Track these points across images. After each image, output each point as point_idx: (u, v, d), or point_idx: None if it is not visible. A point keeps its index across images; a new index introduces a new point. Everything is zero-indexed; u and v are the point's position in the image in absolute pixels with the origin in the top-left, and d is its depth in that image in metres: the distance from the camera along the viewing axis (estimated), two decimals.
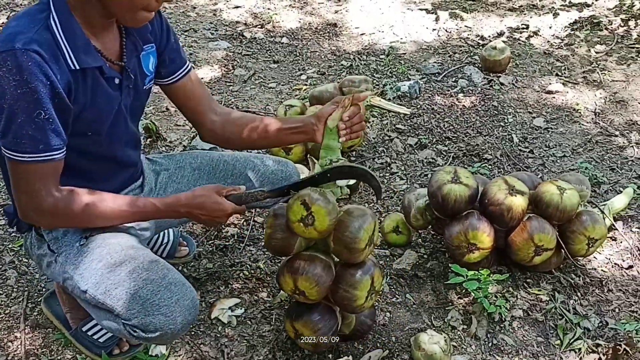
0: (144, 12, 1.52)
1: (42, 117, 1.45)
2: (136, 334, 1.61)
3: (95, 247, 1.68)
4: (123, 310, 1.60)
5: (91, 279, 1.64)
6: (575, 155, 3.05)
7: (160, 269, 1.64)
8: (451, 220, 2.22)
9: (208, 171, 2.03)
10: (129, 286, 1.60)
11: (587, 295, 2.25)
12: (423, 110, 3.35)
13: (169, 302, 1.59)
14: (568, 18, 4.33)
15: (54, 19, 1.48)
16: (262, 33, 4.20)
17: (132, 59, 1.68)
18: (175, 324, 1.60)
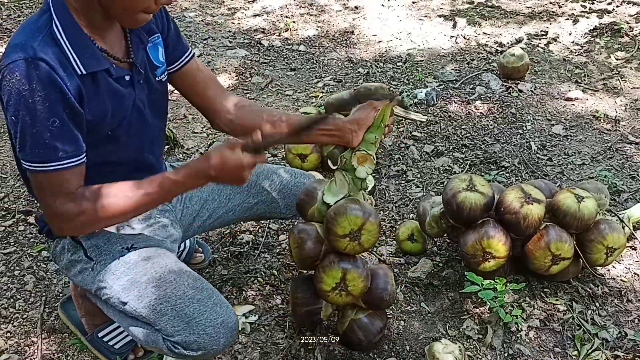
0: (143, 14, 1.53)
1: (56, 124, 1.45)
2: (177, 350, 1.63)
3: (139, 260, 1.69)
4: (166, 326, 1.62)
5: (135, 291, 1.65)
6: (594, 163, 3.01)
7: (205, 288, 1.67)
8: (466, 228, 2.20)
9: None
10: (175, 303, 1.62)
11: (605, 306, 2.21)
12: (440, 117, 3.34)
13: (215, 323, 1.62)
14: (588, 24, 4.28)
15: (56, 25, 1.48)
16: (280, 41, 4.22)
17: (140, 53, 1.67)
18: (218, 345, 1.62)
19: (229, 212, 2.06)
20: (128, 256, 1.70)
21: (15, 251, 2.38)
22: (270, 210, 2.11)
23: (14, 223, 2.50)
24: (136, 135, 1.71)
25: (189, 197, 2.01)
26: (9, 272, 2.28)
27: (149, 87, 1.72)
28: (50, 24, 1.48)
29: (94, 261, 1.72)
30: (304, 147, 2.83)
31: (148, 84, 1.71)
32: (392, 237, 2.54)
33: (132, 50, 1.65)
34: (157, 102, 1.77)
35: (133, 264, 1.69)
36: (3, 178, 2.78)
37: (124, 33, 1.65)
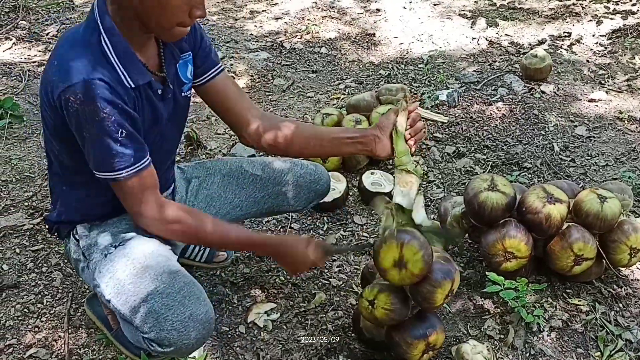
0: (179, 27, 1.57)
1: (123, 135, 1.55)
2: (153, 348, 1.65)
3: (121, 256, 1.72)
4: (140, 323, 1.64)
5: (114, 288, 1.68)
6: (618, 164, 2.99)
7: (177, 281, 1.66)
8: (488, 228, 2.20)
9: (237, 176, 2.07)
10: (146, 299, 1.63)
11: (629, 307, 2.19)
12: (461, 118, 3.34)
13: (182, 317, 1.61)
14: (612, 25, 4.25)
15: (105, 42, 1.54)
16: (302, 43, 4.25)
17: (171, 69, 1.73)
18: (189, 339, 1.62)
19: (237, 208, 2.08)
20: (113, 253, 1.73)
21: (43, 248, 2.43)
22: (279, 204, 2.12)
23: (42, 221, 2.56)
24: (156, 145, 1.76)
25: (195, 195, 2.05)
26: (37, 269, 2.33)
27: (174, 102, 1.78)
28: (99, 42, 1.54)
29: (88, 260, 1.78)
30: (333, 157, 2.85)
31: (175, 99, 1.77)
32: None
33: (165, 65, 1.71)
34: (178, 116, 1.84)
35: (115, 261, 1.72)
36: (31, 177, 2.84)
37: (158, 48, 1.71)
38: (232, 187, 2.06)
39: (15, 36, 4.11)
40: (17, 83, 3.60)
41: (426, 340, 1.83)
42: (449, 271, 1.77)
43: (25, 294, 2.22)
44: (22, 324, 2.10)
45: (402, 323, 1.85)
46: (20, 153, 3.01)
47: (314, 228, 2.60)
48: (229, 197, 2.06)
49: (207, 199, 2.04)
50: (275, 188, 2.08)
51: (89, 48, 1.53)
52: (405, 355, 1.86)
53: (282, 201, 2.11)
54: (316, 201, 2.19)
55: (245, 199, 2.08)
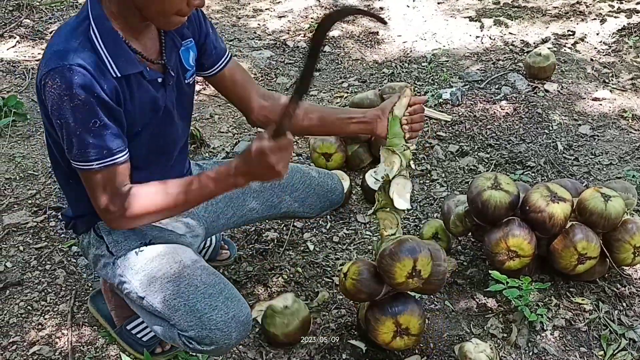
0: (176, 16, 1.57)
1: (97, 125, 1.52)
2: (191, 345, 1.66)
3: (155, 255, 1.73)
4: (180, 321, 1.65)
5: (150, 286, 1.69)
6: (622, 163, 2.98)
7: (218, 283, 1.69)
8: (491, 227, 2.20)
9: None
10: (188, 299, 1.64)
11: (633, 306, 2.19)
12: (465, 117, 3.33)
13: (226, 318, 1.64)
14: (616, 24, 4.23)
15: (93, 30, 1.54)
16: (305, 42, 4.25)
17: (173, 56, 1.72)
18: (230, 339, 1.64)
19: (253, 211, 2.09)
20: (146, 251, 1.74)
21: (47, 246, 2.43)
22: (294, 210, 2.13)
23: (45, 219, 2.56)
24: (162, 135, 1.77)
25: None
26: (41, 267, 2.34)
27: (178, 90, 1.77)
28: (88, 30, 1.54)
29: (114, 256, 1.77)
30: (329, 146, 2.85)
31: (178, 87, 1.77)
32: (417, 235, 2.54)
33: (165, 53, 1.70)
34: (184, 104, 1.83)
35: (150, 259, 1.72)
36: (34, 175, 2.85)
37: (159, 35, 1.70)
38: (251, 191, 2.07)
39: (19, 34, 4.11)
40: (21, 81, 3.61)
41: (395, 319, 1.83)
42: (413, 249, 1.78)
43: (28, 292, 2.23)
44: (25, 322, 2.11)
45: (377, 302, 1.88)
46: (23, 151, 3.02)
47: (317, 226, 2.60)
48: (248, 200, 2.07)
49: (226, 200, 2.04)
50: (293, 195, 2.10)
51: (75, 35, 1.53)
52: (375, 334, 1.86)
53: (297, 208, 2.13)
54: (329, 210, 2.23)
55: (263, 202, 2.09)
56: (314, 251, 2.46)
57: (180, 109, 1.80)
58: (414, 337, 1.89)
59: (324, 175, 2.16)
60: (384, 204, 1.87)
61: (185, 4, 1.54)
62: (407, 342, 1.89)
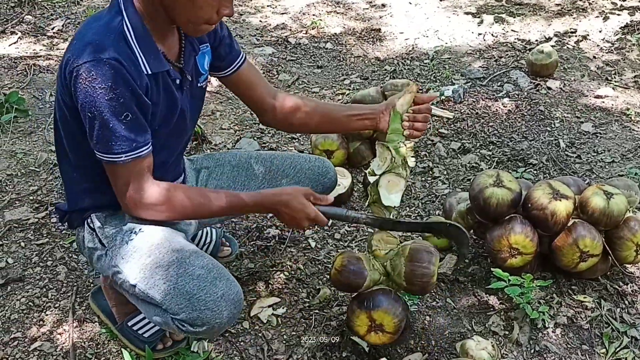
0: (205, 24, 1.61)
1: (129, 118, 1.56)
2: (184, 328, 1.67)
3: (144, 242, 1.74)
4: (171, 305, 1.66)
5: (140, 273, 1.70)
6: (624, 160, 2.97)
7: (206, 264, 1.69)
8: (493, 224, 2.19)
9: (246, 168, 2.09)
10: (176, 281, 1.65)
11: (635, 304, 2.18)
12: (467, 114, 3.32)
13: (215, 297, 1.64)
14: (619, 22, 4.22)
15: (127, 26, 1.57)
16: (307, 39, 4.24)
17: (190, 60, 1.76)
18: (221, 318, 1.65)
19: None
20: (135, 239, 1.75)
21: (48, 242, 2.43)
22: None
23: (47, 215, 2.56)
24: (174, 135, 1.80)
25: (205, 185, 2.07)
26: (42, 263, 2.33)
27: (192, 93, 1.81)
28: (121, 25, 1.57)
29: (106, 247, 1.78)
30: (330, 143, 2.85)
31: (192, 90, 1.80)
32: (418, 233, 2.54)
33: (184, 57, 1.74)
34: (195, 107, 1.87)
35: (139, 247, 1.73)
36: (36, 172, 2.84)
37: (179, 39, 1.73)
38: (242, 179, 2.09)
39: (21, 31, 4.11)
40: (23, 77, 3.60)
41: (369, 314, 1.84)
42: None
43: (30, 288, 2.22)
44: (27, 318, 2.11)
45: (359, 294, 1.90)
46: (25, 147, 3.01)
47: None
48: (239, 188, 2.08)
49: (217, 189, 2.05)
50: (284, 181, 2.10)
51: (109, 30, 1.56)
52: (351, 325, 1.89)
53: None
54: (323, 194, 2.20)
55: (254, 190, 2.08)
56: (316, 248, 2.46)
57: (192, 112, 1.84)
58: (389, 334, 1.86)
59: (315, 160, 2.17)
60: (375, 198, 1.88)
61: (215, 14, 1.58)
62: (381, 339, 1.87)
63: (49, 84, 3.52)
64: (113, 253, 1.77)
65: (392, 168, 1.85)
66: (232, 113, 3.39)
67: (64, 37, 4.06)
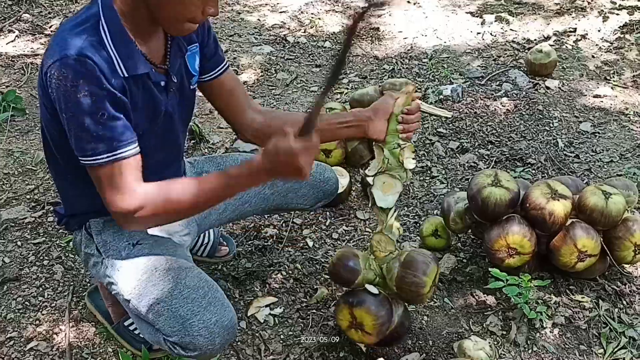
0: (189, 23, 1.54)
1: (105, 117, 1.47)
2: (176, 351, 1.64)
3: (141, 257, 1.70)
4: (164, 326, 1.62)
5: (135, 290, 1.67)
6: (623, 160, 2.97)
7: (201, 287, 1.65)
8: (491, 224, 2.19)
9: None
10: (171, 304, 1.62)
11: (633, 304, 2.18)
12: (465, 114, 3.32)
13: (208, 324, 1.60)
14: (618, 21, 4.21)
15: (103, 27, 1.51)
16: (305, 37, 4.23)
17: (177, 62, 1.70)
18: (213, 345, 1.61)
19: (245, 204, 2.07)
20: (132, 253, 1.71)
21: (45, 241, 2.43)
22: (287, 202, 2.11)
23: (44, 214, 2.55)
24: (162, 138, 1.75)
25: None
26: (38, 262, 2.33)
27: (181, 95, 1.75)
28: (97, 26, 1.50)
29: (102, 256, 1.75)
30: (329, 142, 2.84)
31: (181, 92, 1.74)
32: (416, 232, 2.54)
33: (169, 58, 1.67)
34: (186, 109, 1.81)
35: (136, 262, 1.69)
36: (33, 170, 2.84)
37: (165, 40, 1.67)
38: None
39: (18, 29, 4.10)
40: (20, 76, 3.59)
41: (350, 310, 1.85)
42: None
43: (26, 287, 2.22)
44: (23, 317, 2.10)
45: (349, 290, 1.92)
46: (22, 146, 3.00)
47: (316, 223, 2.60)
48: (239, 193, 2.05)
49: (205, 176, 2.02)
50: (285, 186, 2.07)
51: (84, 30, 1.49)
52: (336, 317, 1.91)
53: (290, 199, 2.10)
54: (324, 201, 2.18)
55: (255, 195, 2.07)
56: (313, 248, 2.45)
57: (181, 114, 1.79)
58: (369, 335, 1.85)
59: (317, 166, 2.12)
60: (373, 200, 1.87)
61: (200, 12, 1.52)
62: (361, 337, 1.87)
63: None
64: (109, 263, 1.74)
65: (388, 169, 1.83)
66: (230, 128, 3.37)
67: None
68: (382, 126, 1.82)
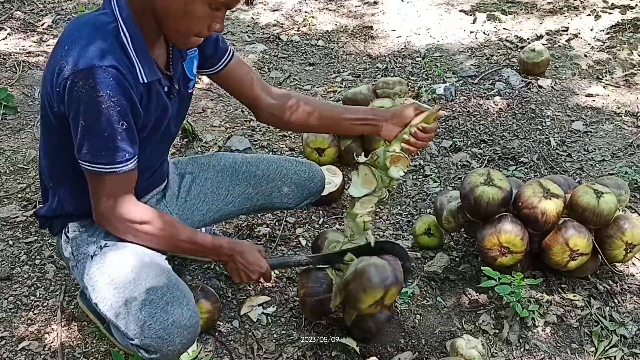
0: (195, 37, 1.57)
1: (124, 127, 1.52)
2: (140, 353, 1.64)
3: (107, 260, 1.69)
4: (126, 330, 1.62)
5: (100, 293, 1.66)
6: (615, 159, 2.98)
7: (161, 287, 1.63)
8: (483, 223, 2.19)
9: (231, 173, 2.07)
10: (130, 307, 1.61)
11: (624, 302, 2.19)
12: (458, 112, 3.32)
13: (165, 325, 1.58)
14: (610, 20, 4.23)
15: (123, 32, 1.52)
16: (298, 36, 4.23)
17: (178, 68, 1.73)
18: (174, 345, 1.60)
19: (229, 204, 2.08)
20: (99, 256, 1.71)
21: (36, 240, 2.41)
22: (272, 201, 2.12)
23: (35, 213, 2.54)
24: (161, 142, 1.78)
25: (187, 191, 2.04)
26: (30, 261, 2.32)
27: (180, 99, 1.77)
28: (117, 31, 1.51)
29: (76, 260, 1.76)
30: (322, 140, 2.84)
31: (180, 97, 1.77)
32: (409, 231, 2.54)
33: (172, 64, 1.70)
34: (181, 113, 1.84)
35: (100, 265, 1.69)
36: (25, 169, 2.82)
37: (167, 46, 1.69)
38: (226, 184, 2.06)
39: (10, 27, 4.07)
40: (12, 74, 3.57)
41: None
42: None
43: (18, 287, 2.21)
44: (14, 317, 2.09)
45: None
46: (14, 144, 2.99)
47: (309, 222, 2.59)
48: (222, 193, 2.06)
49: (200, 195, 2.04)
50: (269, 185, 2.08)
51: (105, 36, 1.49)
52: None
53: (275, 198, 2.11)
54: (310, 199, 2.19)
55: (238, 195, 2.08)
56: (306, 246, 2.45)
57: (177, 118, 1.81)
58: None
59: (301, 164, 2.14)
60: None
61: (206, 28, 1.54)
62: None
63: (38, 81, 3.49)
64: (80, 267, 1.74)
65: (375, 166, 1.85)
66: (222, 110, 3.37)
67: (53, 34, 4.03)
68: (395, 131, 1.87)
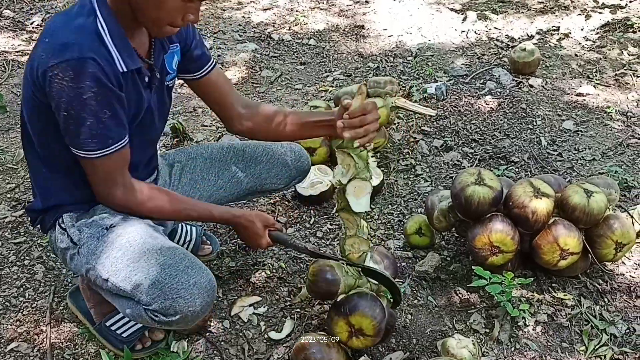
0: (169, 27, 1.61)
1: (107, 115, 1.57)
2: (157, 318, 1.66)
3: (115, 237, 1.73)
4: (143, 295, 1.65)
5: (112, 267, 1.69)
6: (605, 158, 2.99)
7: (177, 254, 1.69)
8: (474, 222, 2.19)
9: (219, 159, 2.12)
10: (148, 272, 1.65)
11: (614, 301, 2.20)
12: (449, 112, 3.33)
13: (187, 285, 1.63)
14: (600, 20, 4.25)
15: (101, 24, 1.57)
16: (290, 35, 4.22)
17: (159, 58, 1.75)
18: (194, 306, 1.64)
19: (220, 189, 2.12)
20: (106, 235, 1.75)
21: (25, 241, 2.40)
22: (261, 183, 2.16)
23: (24, 213, 2.52)
24: (142, 134, 1.79)
25: (178, 179, 2.08)
26: (19, 262, 2.30)
27: (160, 91, 1.81)
28: (95, 24, 1.56)
29: (78, 245, 1.77)
30: (313, 140, 2.83)
31: (160, 88, 1.81)
32: (400, 231, 2.54)
33: (154, 54, 1.74)
34: (163, 105, 1.87)
35: (110, 242, 1.73)
36: (14, 169, 2.80)
37: (149, 36, 1.73)
38: (215, 169, 2.11)
39: None
40: (1, 73, 3.55)
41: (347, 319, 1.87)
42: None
43: (7, 287, 2.19)
44: (3, 318, 2.08)
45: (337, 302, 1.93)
46: (2, 144, 2.96)
47: (300, 221, 2.59)
48: (212, 179, 2.10)
49: (191, 183, 2.09)
50: (257, 168, 2.13)
51: (83, 28, 1.55)
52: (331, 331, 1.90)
53: (264, 180, 2.16)
54: (298, 179, 2.25)
55: (228, 180, 2.13)
56: None
57: (159, 110, 1.84)
58: (370, 337, 1.85)
59: (287, 145, 2.20)
60: (343, 205, 1.85)
61: (180, 18, 1.59)
62: (364, 342, 1.86)
63: None
64: (85, 250, 1.75)
65: (357, 173, 1.81)
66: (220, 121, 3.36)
67: None
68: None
